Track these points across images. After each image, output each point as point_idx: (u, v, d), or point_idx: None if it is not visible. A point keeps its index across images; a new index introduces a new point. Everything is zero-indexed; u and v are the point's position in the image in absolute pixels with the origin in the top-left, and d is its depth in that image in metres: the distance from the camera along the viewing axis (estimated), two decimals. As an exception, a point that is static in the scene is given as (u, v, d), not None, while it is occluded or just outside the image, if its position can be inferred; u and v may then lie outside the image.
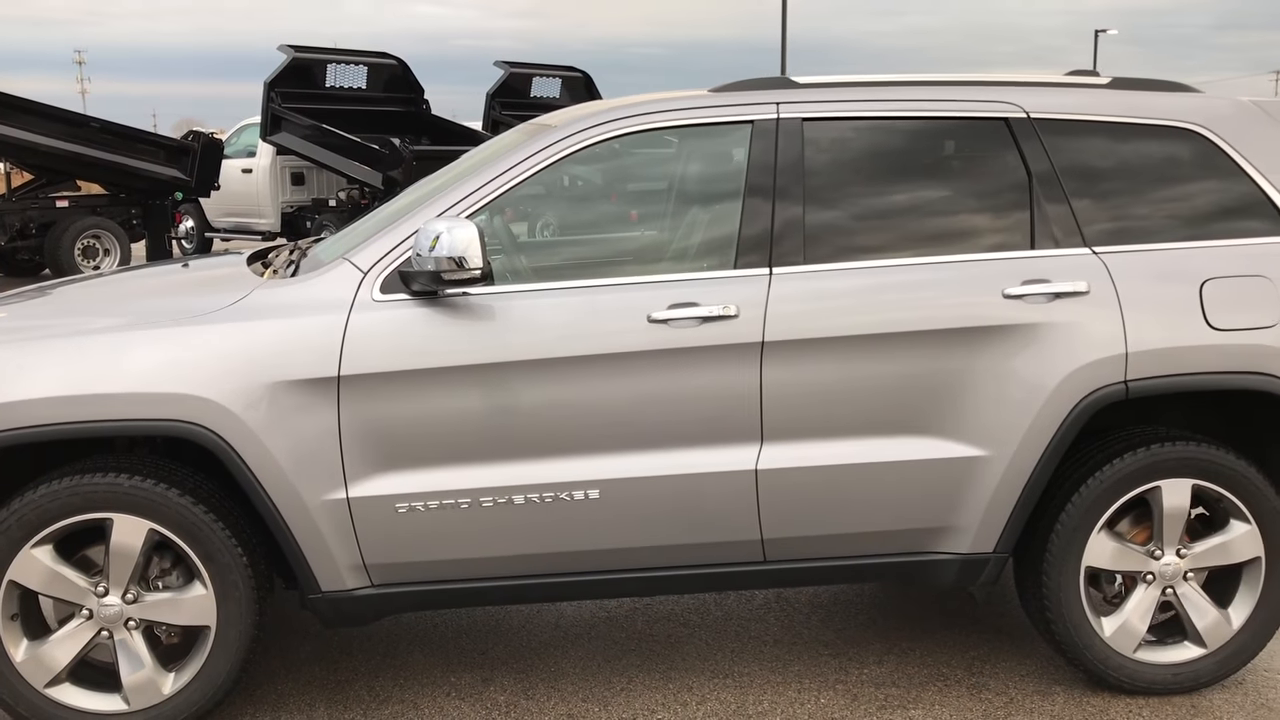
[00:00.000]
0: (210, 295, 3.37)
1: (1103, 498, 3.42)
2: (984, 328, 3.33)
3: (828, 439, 3.33)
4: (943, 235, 3.46)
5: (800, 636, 3.98)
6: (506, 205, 3.53)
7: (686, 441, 3.29)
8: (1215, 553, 3.51)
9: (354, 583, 3.29)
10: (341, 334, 3.17)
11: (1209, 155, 3.55)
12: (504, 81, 17.37)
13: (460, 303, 3.22)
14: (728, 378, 3.27)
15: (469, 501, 3.23)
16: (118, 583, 3.22)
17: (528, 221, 4.86)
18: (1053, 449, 3.34)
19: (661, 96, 3.57)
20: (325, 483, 3.19)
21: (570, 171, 3.55)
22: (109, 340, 3.19)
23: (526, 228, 4.65)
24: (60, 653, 3.24)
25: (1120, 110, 3.56)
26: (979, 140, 3.52)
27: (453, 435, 3.21)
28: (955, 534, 3.42)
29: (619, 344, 3.23)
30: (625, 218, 4.05)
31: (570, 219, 4.47)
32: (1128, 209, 3.50)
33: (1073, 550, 3.43)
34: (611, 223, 4.19)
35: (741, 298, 3.28)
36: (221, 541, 3.20)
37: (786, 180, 3.38)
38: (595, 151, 3.37)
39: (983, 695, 3.55)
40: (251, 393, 3.12)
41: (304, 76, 15.10)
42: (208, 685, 3.29)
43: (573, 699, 3.54)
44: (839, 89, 3.52)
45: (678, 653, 3.86)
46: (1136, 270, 3.40)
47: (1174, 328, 3.37)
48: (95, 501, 3.16)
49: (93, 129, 14.44)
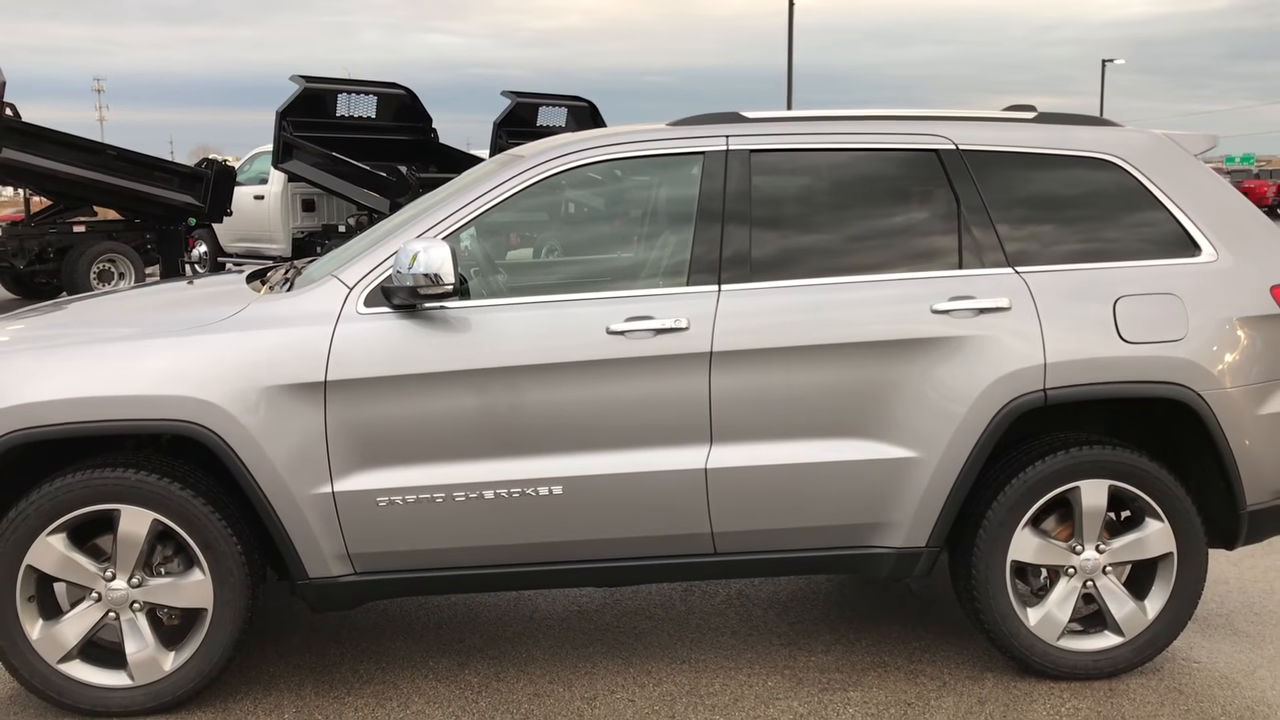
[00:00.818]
0: (212, 308, 3.71)
1: (1026, 497, 3.72)
2: (914, 340, 3.64)
3: (771, 441, 3.64)
4: (878, 256, 3.79)
5: (756, 629, 4.28)
6: (479, 228, 3.86)
7: (642, 442, 3.61)
8: (1131, 548, 3.80)
9: (339, 570, 3.62)
10: (329, 343, 3.51)
11: (1125, 183, 3.87)
12: (511, 111, 17.74)
13: (437, 315, 3.56)
14: (679, 385, 3.59)
15: (443, 496, 3.55)
16: (124, 568, 3.55)
17: (497, 240, 5.18)
18: (978, 451, 3.65)
19: (624, 129, 3.92)
20: (313, 478, 3.51)
21: (539, 199, 3.87)
22: (121, 348, 3.53)
23: (495, 247, 4.97)
24: (71, 632, 3.57)
25: (1042, 143, 3.89)
26: (912, 170, 3.85)
27: (429, 435, 3.54)
28: (890, 529, 3.73)
29: (581, 353, 3.56)
30: (588, 238, 4.40)
31: (535, 239, 4.81)
32: (1048, 232, 3.82)
33: (999, 545, 3.73)
34: (576, 244, 4.54)
35: (692, 312, 3.61)
36: (219, 531, 3.53)
37: (735, 206, 3.72)
38: (557, 181, 3.72)
39: (918, 680, 3.85)
40: (248, 396, 3.46)
41: (315, 106, 15.52)
42: (204, 663, 3.61)
43: (540, 680, 3.86)
44: (784, 123, 3.86)
45: (640, 642, 4.17)
46: (1055, 288, 3.72)
47: (1089, 341, 3.68)
48: (105, 494, 3.49)
49: (109, 156, 14.90)
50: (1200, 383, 3.68)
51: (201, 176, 15.67)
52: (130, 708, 3.60)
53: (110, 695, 3.59)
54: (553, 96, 18.63)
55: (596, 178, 3.92)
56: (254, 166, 17.62)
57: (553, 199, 3.98)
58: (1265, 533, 3.93)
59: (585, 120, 18.65)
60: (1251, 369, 3.75)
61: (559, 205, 4.45)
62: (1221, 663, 3.96)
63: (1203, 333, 3.71)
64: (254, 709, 3.67)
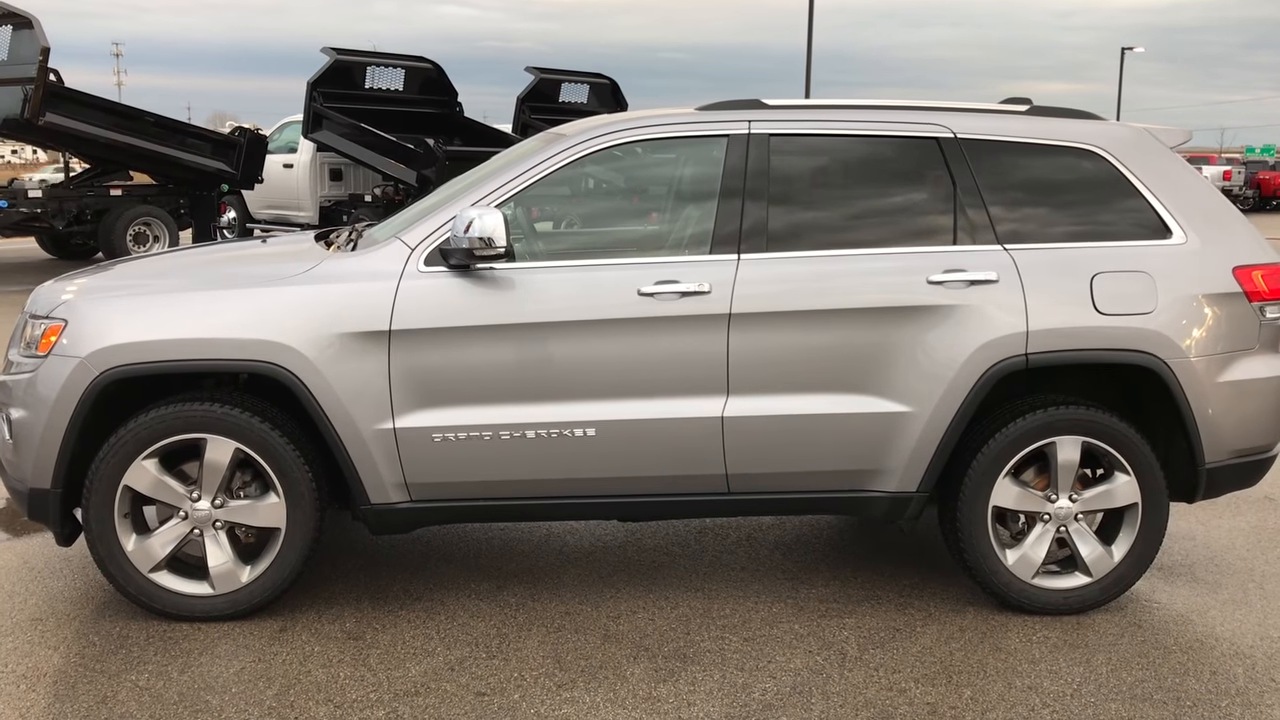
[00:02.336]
0: (289, 264, 4.19)
1: (1007, 449, 4.17)
2: (911, 307, 4.09)
3: (781, 394, 4.10)
4: (881, 231, 4.24)
5: (763, 565, 4.76)
6: (527, 199, 4.31)
7: (666, 392, 4.07)
8: (1101, 498, 4.26)
9: (397, 497, 4.09)
10: (393, 297, 3.97)
11: (1106, 172, 4.31)
12: (534, 87, 18.15)
13: (487, 275, 4.02)
14: (701, 342, 4.05)
15: (490, 434, 4.02)
16: (208, 491, 4.04)
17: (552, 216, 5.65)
18: (965, 408, 4.11)
19: (657, 112, 4.37)
20: (376, 415, 3.99)
21: (582, 172, 4.33)
22: (209, 296, 4.01)
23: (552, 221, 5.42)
24: (160, 545, 4.07)
25: (1033, 133, 4.33)
26: (914, 155, 4.29)
27: (478, 380, 4.00)
28: (885, 475, 4.19)
29: (613, 312, 4.02)
30: (623, 210, 4.85)
31: (575, 211, 5.25)
32: (1035, 214, 4.26)
33: (982, 492, 4.19)
34: (612, 214, 4.99)
35: (714, 277, 4.06)
36: (292, 460, 4.01)
37: (754, 184, 4.16)
38: (597, 157, 4.17)
39: (907, 611, 4.32)
40: (321, 341, 3.93)
41: (345, 78, 15.95)
42: (277, 576, 4.10)
43: (570, 601, 4.34)
44: (801, 110, 4.31)
45: (660, 573, 4.65)
46: (1039, 264, 4.16)
47: (1067, 312, 4.12)
48: (194, 424, 3.98)
49: (147, 123, 15.39)
50: (1166, 352, 4.13)
51: (234, 144, 16.16)
52: (211, 613, 4.09)
53: (194, 602, 4.09)
54: (575, 73, 19.02)
55: (633, 154, 4.36)
56: (283, 135, 18.06)
57: (594, 171, 4.40)
58: (1222, 488, 4.39)
59: (606, 97, 19.05)
60: (1213, 341, 4.19)
61: (598, 180, 4.89)
62: (1179, 604, 4.42)
63: (1171, 308, 4.15)
64: (318, 618, 4.16)
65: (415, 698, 3.58)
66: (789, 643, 4.01)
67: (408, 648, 3.94)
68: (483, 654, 3.89)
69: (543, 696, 3.60)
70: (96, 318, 3.97)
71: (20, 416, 4.01)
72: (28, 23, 13.85)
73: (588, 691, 3.64)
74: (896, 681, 3.73)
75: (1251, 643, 4.07)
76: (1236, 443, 4.27)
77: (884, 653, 3.95)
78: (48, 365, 3.95)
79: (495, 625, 4.13)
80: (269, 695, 3.58)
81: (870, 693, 3.66)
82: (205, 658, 3.83)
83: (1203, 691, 3.70)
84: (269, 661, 3.81)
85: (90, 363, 3.89)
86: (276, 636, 4.00)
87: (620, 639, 4.02)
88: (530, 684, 3.68)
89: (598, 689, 3.65)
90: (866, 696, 3.63)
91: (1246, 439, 4.30)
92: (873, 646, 3.99)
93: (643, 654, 3.91)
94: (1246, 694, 3.69)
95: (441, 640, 4.00)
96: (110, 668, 3.76)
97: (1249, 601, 4.44)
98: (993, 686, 3.71)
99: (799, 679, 3.74)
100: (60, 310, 4.03)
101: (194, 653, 3.87)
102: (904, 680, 3.74)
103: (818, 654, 3.93)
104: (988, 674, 3.80)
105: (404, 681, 3.69)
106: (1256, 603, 4.43)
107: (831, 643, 4.02)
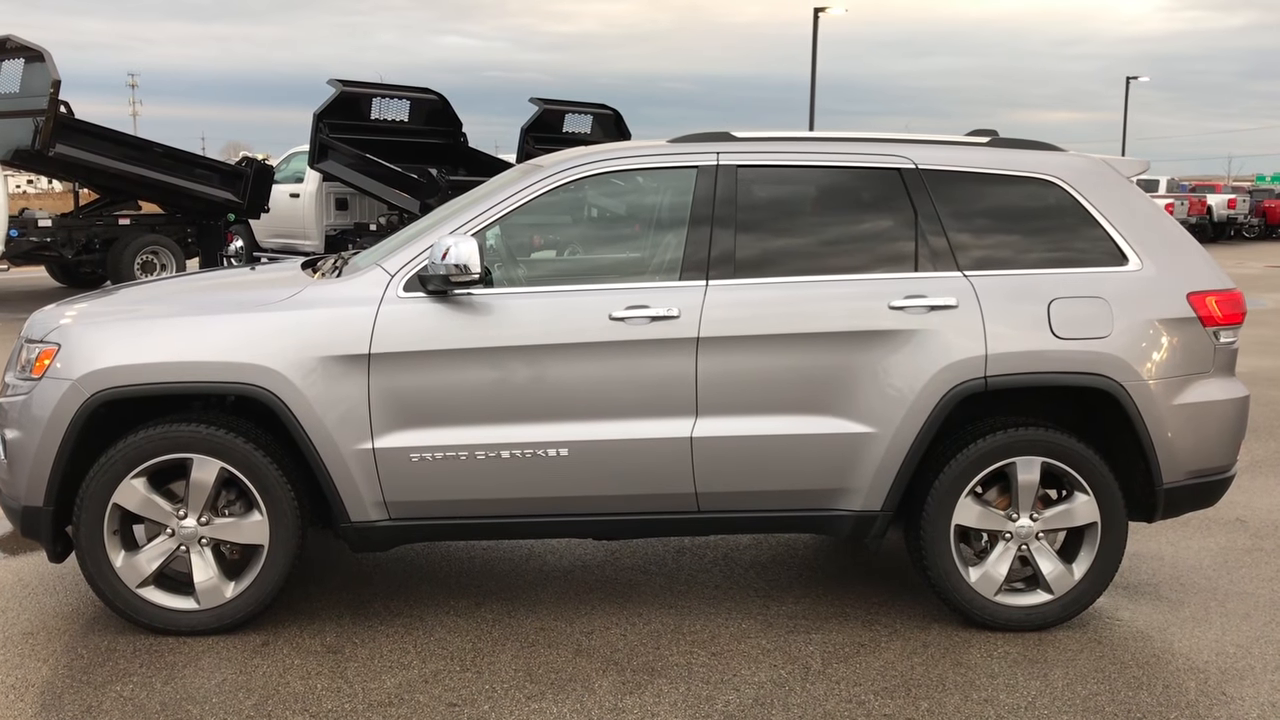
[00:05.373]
0: (274, 290, 4.35)
1: (969, 469, 4.30)
2: (873, 331, 4.24)
3: (748, 415, 4.24)
4: (845, 259, 4.39)
5: (737, 584, 4.88)
6: (502, 227, 4.47)
7: (637, 413, 4.21)
8: (1061, 517, 4.38)
9: (376, 515, 4.23)
10: (373, 321, 4.13)
11: (1064, 201, 4.45)
12: (538, 117, 18.39)
13: (464, 300, 4.18)
14: (670, 365, 4.19)
15: (466, 454, 4.16)
16: (195, 509, 4.18)
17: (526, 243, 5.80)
18: (927, 428, 4.24)
19: (630, 144, 4.54)
20: (357, 436, 4.13)
21: (555, 201, 4.47)
22: (196, 321, 4.18)
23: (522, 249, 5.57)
24: (147, 561, 4.21)
25: (993, 164, 4.48)
26: (876, 185, 4.44)
27: (455, 402, 4.15)
28: (850, 494, 4.32)
29: (586, 335, 4.17)
30: (597, 237, 5.02)
31: (550, 238, 5.41)
32: (994, 241, 4.41)
33: (944, 511, 4.31)
34: (586, 241, 5.15)
35: (683, 302, 4.21)
36: (276, 479, 4.16)
37: (722, 212, 4.32)
38: (569, 188, 4.34)
39: (873, 627, 4.43)
40: (303, 364, 4.09)
41: (350, 109, 16.25)
42: (260, 592, 4.24)
43: (545, 617, 4.47)
44: (768, 142, 4.47)
45: (635, 590, 4.78)
46: (997, 290, 4.30)
47: (1025, 336, 4.26)
48: (181, 444, 4.13)
49: (155, 153, 15.67)
50: (1122, 375, 4.26)
51: (241, 174, 16.42)
52: (196, 627, 4.23)
53: (180, 616, 4.23)
54: (579, 104, 19.27)
55: (607, 185, 4.53)
56: (290, 165, 18.36)
57: (569, 200, 4.56)
58: (1181, 508, 4.51)
59: (610, 127, 19.28)
60: (1168, 365, 4.32)
61: (574, 208, 5.05)
62: (1141, 621, 4.53)
63: (1126, 332, 4.29)
64: (300, 633, 4.30)
65: (388, 708, 3.71)
66: (755, 657, 4.13)
67: (384, 661, 4.07)
68: (456, 667, 4.02)
69: (512, 708, 3.72)
70: (88, 342, 4.14)
71: (15, 437, 4.17)
72: (39, 56, 14.16)
73: (556, 703, 3.76)
74: (857, 694, 3.85)
75: (1207, 658, 4.18)
76: (1193, 464, 4.39)
77: (847, 667, 4.06)
78: (41, 387, 4.11)
79: (471, 640, 4.26)
80: (248, 705, 3.71)
81: (830, 705, 3.77)
82: (189, 670, 3.97)
83: (1153, 704, 3.81)
84: (250, 674, 3.95)
85: (82, 385, 4.05)
86: (258, 650, 4.14)
87: (591, 653, 4.15)
88: (501, 695, 3.81)
89: (565, 700, 3.78)
90: (826, 709, 3.75)
91: (1203, 460, 4.41)
92: (837, 661, 4.11)
93: (612, 667, 4.03)
94: (1196, 707, 3.80)
95: (418, 654, 4.13)
96: (96, 679, 3.90)
97: (1209, 619, 4.54)
98: (950, 699, 3.82)
99: (762, 691, 3.86)
100: (54, 335, 4.19)
101: (178, 665, 4.00)
102: (864, 693, 3.86)
103: (782, 668, 4.05)
104: (946, 687, 3.91)
105: (379, 693, 3.82)
106: (1216, 620, 4.53)
107: (797, 657, 4.14)
